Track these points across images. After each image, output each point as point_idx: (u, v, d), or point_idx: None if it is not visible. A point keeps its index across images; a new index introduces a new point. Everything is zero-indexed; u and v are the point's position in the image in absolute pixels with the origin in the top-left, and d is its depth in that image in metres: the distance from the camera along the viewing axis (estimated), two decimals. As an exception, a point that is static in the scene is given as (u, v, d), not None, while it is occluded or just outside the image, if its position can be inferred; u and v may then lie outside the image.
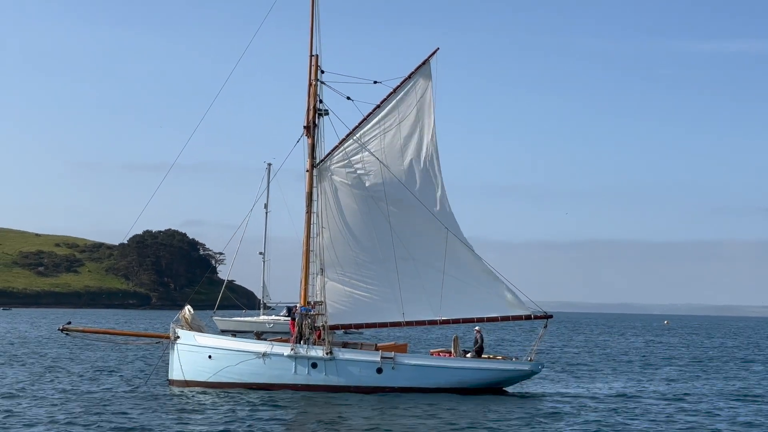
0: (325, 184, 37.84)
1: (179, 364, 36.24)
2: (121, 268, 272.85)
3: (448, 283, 37.33)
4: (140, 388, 35.82)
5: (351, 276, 37.52)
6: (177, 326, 36.56)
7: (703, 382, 44.01)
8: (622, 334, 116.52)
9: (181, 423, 27.05)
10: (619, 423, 28.87)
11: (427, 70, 38.13)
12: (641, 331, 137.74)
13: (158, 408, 30.07)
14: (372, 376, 35.20)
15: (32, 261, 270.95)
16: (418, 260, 37.63)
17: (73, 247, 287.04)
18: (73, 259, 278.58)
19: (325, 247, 37.42)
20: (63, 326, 36.56)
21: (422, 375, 35.41)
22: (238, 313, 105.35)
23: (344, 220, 37.66)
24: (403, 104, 38.04)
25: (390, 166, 37.91)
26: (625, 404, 33.68)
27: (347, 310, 37.36)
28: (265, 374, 35.59)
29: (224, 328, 79.37)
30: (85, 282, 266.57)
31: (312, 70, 37.75)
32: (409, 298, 37.22)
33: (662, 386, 40.95)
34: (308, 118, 37.83)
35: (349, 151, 37.90)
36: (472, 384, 35.71)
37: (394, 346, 36.79)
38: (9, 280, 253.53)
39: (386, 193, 37.71)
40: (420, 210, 37.72)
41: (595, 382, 42.38)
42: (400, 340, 70.36)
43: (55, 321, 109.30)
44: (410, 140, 38.16)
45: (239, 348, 35.97)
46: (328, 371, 35.26)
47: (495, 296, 37.42)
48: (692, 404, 34.35)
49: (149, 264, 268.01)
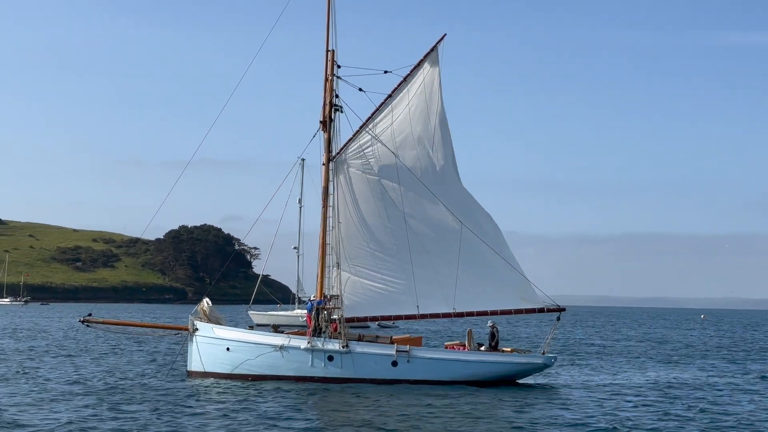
0: (340, 177, 38.13)
1: (198, 355, 36.75)
2: (157, 263, 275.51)
3: (462, 275, 37.47)
4: (160, 380, 36.36)
5: (367, 269, 37.77)
6: (195, 318, 37.08)
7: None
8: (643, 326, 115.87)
9: (199, 413, 27.51)
10: (626, 418, 28.96)
11: (435, 56, 38.24)
12: (673, 323, 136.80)
13: (176, 398, 30.56)
14: (387, 369, 35.47)
15: (70, 256, 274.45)
16: (432, 252, 37.81)
17: (109, 243, 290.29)
18: (110, 254, 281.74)
19: (341, 240, 37.73)
20: (84, 318, 37.20)
21: (436, 368, 35.62)
22: (272, 307, 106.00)
23: (360, 212, 37.94)
24: (413, 93, 38.14)
25: (403, 156, 38.06)
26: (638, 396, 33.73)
27: (363, 303, 37.64)
28: (283, 367, 35.96)
29: (259, 322, 79.80)
30: (122, 277, 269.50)
31: (328, 65, 38.01)
32: (423, 291, 37.41)
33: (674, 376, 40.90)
34: (324, 112, 38.13)
35: (363, 144, 38.15)
36: (486, 377, 35.88)
37: (408, 339, 37.06)
38: (47, 275, 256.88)
39: (401, 184, 37.92)
40: (435, 201, 37.93)
41: (611, 373, 42.36)
42: (426, 333, 70.64)
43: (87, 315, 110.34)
44: (422, 129, 38.20)
45: (257, 341, 36.37)
46: (345, 364, 35.57)
47: (509, 289, 37.52)
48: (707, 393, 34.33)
49: (185, 259, 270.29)
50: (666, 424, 27.48)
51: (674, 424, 27.38)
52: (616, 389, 36.08)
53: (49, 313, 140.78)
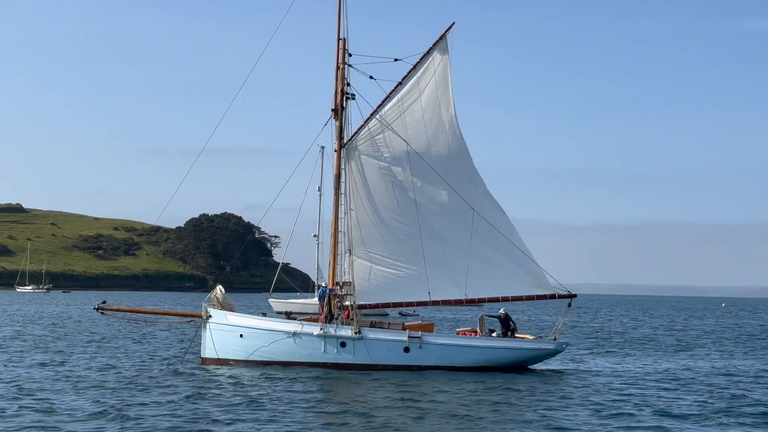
0: (352, 164, 38.25)
1: (212, 342, 37.00)
2: (177, 251, 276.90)
3: (474, 262, 37.54)
4: (173, 366, 36.65)
5: (379, 255, 37.89)
6: (209, 305, 37.32)
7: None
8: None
9: (218, 399, 27.75)
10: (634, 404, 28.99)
11: (444, 45, 38.28)
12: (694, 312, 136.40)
13: (189, 385, 30.82)
14: (399, 355, 35.62)
15: (91, 244, 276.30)
16: (444, 239, 37.88)
17: (131, 231, 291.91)
18: (131, 242, 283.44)
19: (353, 227, 37.86)
20: (98, 305, 37.54)
21: (448, 354, 35.74)
22: (293, 295, 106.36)
23: (371, 199, 38.05)
24: (423, 80, 38.20)
25: (413, 143, 38.15)
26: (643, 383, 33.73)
27: (375, 289, 37.78)
28: (296, 353, 36.15)
29: (279, 310, 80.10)
30: (143, 265, 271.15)
31: (339, 54, 38.09)
32: (435, 277, 37.49)
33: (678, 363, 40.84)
34: (336, 101, 38.23)
35: (374, 131, 38.25)
36: (498, 363, 35.97)
37: (420, 326, 37.19)
38: (69, 263, 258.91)
39: (411, 171, 38.01)
40: (445, 187, 37.99)
41: (619, 361, 42.37)
42: (451, 321, 70.79)
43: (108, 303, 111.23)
44: (432, 116, 38.26)
45: (270, 327, 36.58)
46: (357, 350, 35.73)
47: (520, 275, 37.59)
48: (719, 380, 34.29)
49: (205, 247, 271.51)
50: (687, 410, 27.48)
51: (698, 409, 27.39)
52: (629, 375, 36.07)
53: (70, 300, 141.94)
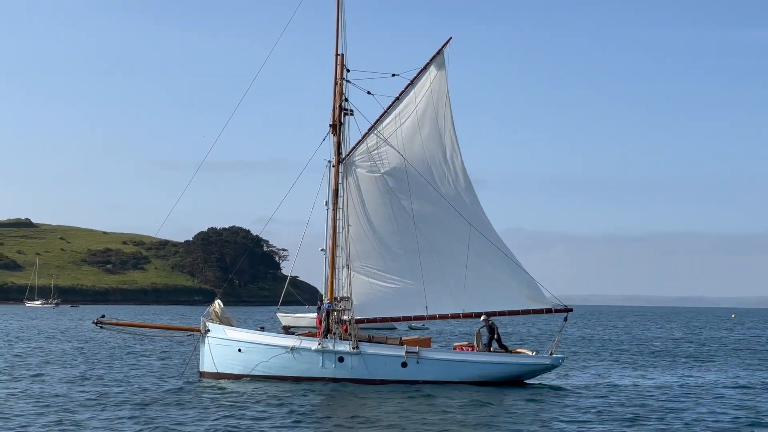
0: (350, 179, 38.47)
1: (210, 356, 37.15)
2: (186, 265, 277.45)
3: (470, 276, 37.72)
4: (172, 380, 36.82)
5: (376, 269, 38.07)
6: (207, 320, 37.50)
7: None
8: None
9: (210, 413, 27.90)
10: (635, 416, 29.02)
11: (441, 60, 38.54)
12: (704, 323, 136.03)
13: (189, 399, 30.98)
14: (397, 370, 35.73)
15: (100, 259, 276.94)
16: (441, 253, 38.06)
17: (139, 245, 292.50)
18: (139, 256, 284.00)
19: (351, 242, 38.07)
20: (97, 320, 37.75)
21: (445, 369, 35.85)
22: (301, 309, 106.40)
23: (368, 213, 38.27)
24: (420, 95, 38.48)
25: (410, 158, 38.36)
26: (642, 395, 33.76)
27: (372, 304, 37.93)
28: (294, 368, 36.29)
29: (287, 324, 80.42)
30: (152, 279, 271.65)
31: (337, 69, 38.35)
32: (432, 292, 37.64)
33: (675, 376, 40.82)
34: (334, 116, 38.48)
35: (371, 146, 38.49)
36: (494, 377, 36.08)
37: (418, 341, 37.34)
38: (78, 278, 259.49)
39: (409, 185, 38.21)
40: (442, 202, 38.16)
41: (619, 374, 42.38)
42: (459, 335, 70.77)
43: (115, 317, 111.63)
44: (429, 131, 38.50)
45: (268, 342, 36.75)
46: (355, 365, 35.87)
47: (517, 289, 37.77)
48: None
49: (214, 261, 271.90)
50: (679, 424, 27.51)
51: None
52: (626, 390, 36.09)
53: (78, 314, 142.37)
